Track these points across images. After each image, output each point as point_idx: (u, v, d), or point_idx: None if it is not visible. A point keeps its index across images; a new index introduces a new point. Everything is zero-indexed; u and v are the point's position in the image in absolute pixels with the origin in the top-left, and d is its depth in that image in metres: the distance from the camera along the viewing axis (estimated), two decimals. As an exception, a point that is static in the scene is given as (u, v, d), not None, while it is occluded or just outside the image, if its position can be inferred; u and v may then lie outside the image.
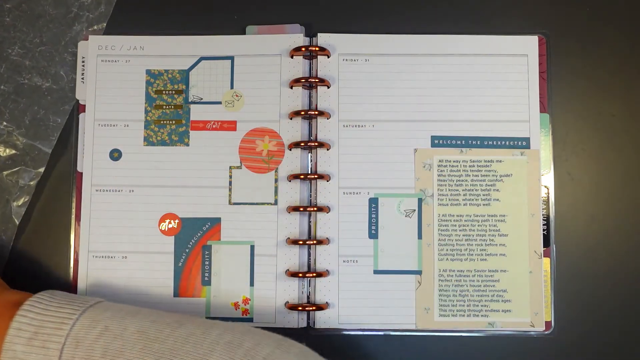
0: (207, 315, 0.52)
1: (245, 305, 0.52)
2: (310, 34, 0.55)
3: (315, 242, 0.52)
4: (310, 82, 0.53)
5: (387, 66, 0.54)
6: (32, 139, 0.54)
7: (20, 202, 0.53)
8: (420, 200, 0.53)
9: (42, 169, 0.54)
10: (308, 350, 0.42)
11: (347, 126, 0.53)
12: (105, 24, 0.55)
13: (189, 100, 0.54)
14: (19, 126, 0.54)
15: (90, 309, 0.44)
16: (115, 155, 0.54)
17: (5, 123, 0.54)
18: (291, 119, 0.53)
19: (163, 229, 0.53)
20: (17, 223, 0.53)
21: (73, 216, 0.53)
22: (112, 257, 0.53)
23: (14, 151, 0.54)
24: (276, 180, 0.53)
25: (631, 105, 0.54)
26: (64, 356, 0.41)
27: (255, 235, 0.53)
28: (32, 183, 0.53)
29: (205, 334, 0.41)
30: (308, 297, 0.52)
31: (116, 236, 0.53)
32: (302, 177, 0.52)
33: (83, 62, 0.55)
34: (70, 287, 0.53)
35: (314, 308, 0.51)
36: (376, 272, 0.52)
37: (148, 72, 0.54)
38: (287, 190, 0.53)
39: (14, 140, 0.54)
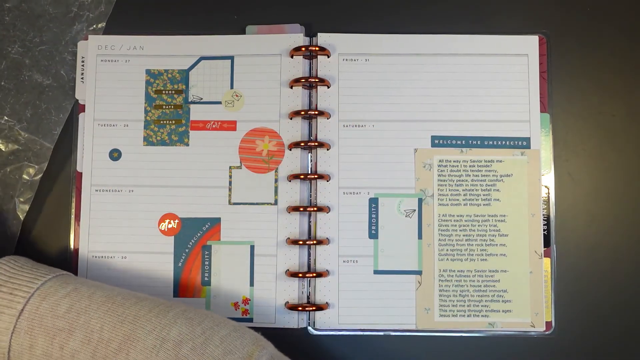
0: (207, 316, 0.52)
1: (245, 305, 0.52)
2: (310, 33, 0.55)
3: (315, 242, 0.52)
4: (310, 82, 0.53)
5: (387, 66, 0.54)
6: (34, 133, 0.54)
7: (24, 198, 0.53)
8: (420, 200, 0.53)
9: (45, 164, 0.54)
10: (261, 338, 0.44)
11: (347, 126, 0.53)
12: (105, 24, 0.55)
13: (189, 100, 0.54)
14: (20, 120, 0.54)
15: (64, 275, 0.46)
16: (115, 155, 0.54)
17: (6, 117, 0.54)
18: (291, 118, 0.53)
19: (163, 229, 0.53)
20: (22, 219, 0.53)
21: (73, 216, 0.53)
22: (112, 257, 0.53)
23: (16, 146, 0.54)
24: (276, 180, 0.53)
25: (632, 105, 0.54)
26: (29, 306, 0.43)
27: (255, 235, 0.53)
28: (36, 178, 0.53)
29: (169, 308, 0.44)
30: (308, 297, 0.52)
31: (116, 236, 0.53)
32: (302, 177, 0.52)
33: (83, 62, 0.55)
34: (69, 287, 0.53)
35: (314, 308, 0.51)
36: (376, 272, 0.52)
37: (148, 72, 0.54)
38: (287, 190, 0.53)
39: (15, 135, 0.54)
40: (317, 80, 0.53)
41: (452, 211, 0.53)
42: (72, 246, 0.53)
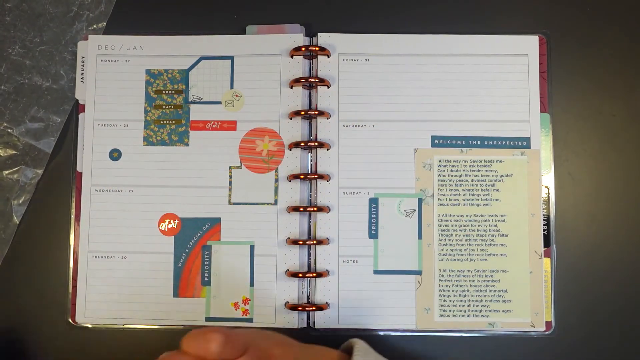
0: (207, 316, 0.52)
1: (245, 305, 0.52)
2: (310, 33, 0.55)
3: (315, 242, 0.52)
4: (310, 82, 0.53)
5: (387, 66, 0.54)
6: (32, 139, 0.54)
7: (21, 200, 0.53)
8: (420, 200, 0.53)
9: (41, 170, 0.54)
10: None
11: (347, 126, 0.53)
12: (105, 23, 0.55)
13: (189, 100, 0.54)
14: (19, 126, 0.54)
15: None
16: (115, 155, 0.54)
17: (5, 124, 0.54)
18: (291, 118, 0.53)
19: (163, 229, 0.53)
20: (17, 222, 0.53)
21: (72, 216, 0.53)
22: (112, 257, 0.53)
23: (13, 151, 0.54)
24: (276, 180, 0.53)
25: (632, 105, 0.54)
26: None
27: (255, 235, 0.53)
28: (32, 181, 0.53)
29: None
30: (308, 297, 0.52)
31: (116, 236, 0.53)
32: (302, 177, 0.52)
33: (83, 62, 0.55)
34: (69, 287, 0.53)
35: (314, 308, 0.51)
36: (376, 272, 0.52)
37: (148, 72, 0.54)
38: (287, 190, 0.53)
39: (13, 140, 0.54)
40: (317, 80, 0.53)
41: (452, 211, 0.53)
42: (72, 246, 0.53)
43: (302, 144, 0.53)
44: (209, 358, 0.38)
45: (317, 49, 0.53)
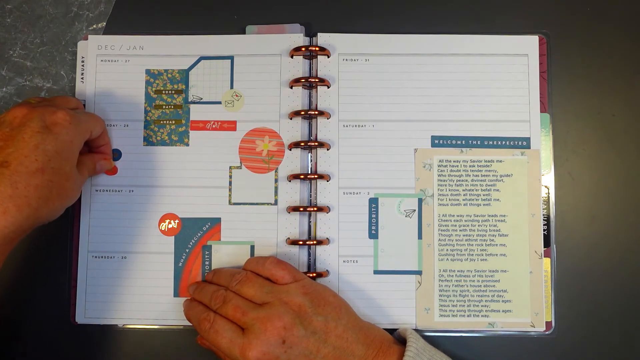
0: (207, 316, 0.52)
1: (245, 305, 0.52)
2: (310, 33, 0.55)
3: (315, 242, 0.52)
4: (310, 82, 0.53)
5: (387, 66, 0.54)
6: None
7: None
8: (420, 200, 0.53)
9: None
10: None
11: (347, 126, 0.53)
12: (105, 23, 0.55)
13: (189, 100, 0.54)
14: None
15: None
16: (115, 155, 0.54)
17: None
18: (291, 118, 0.53)
19: (163, 229, 0.53)
20: None
21: (73, 216, 0.53)
22: (112, 257, 0.53)
23: None
24: (276, 180, 0.53)
25: (631, 105, 0.54)
26: None
27: (255, 235, 0.53)
28: None
29: None
30: (308, 297, 0.52)
31: (116, 236, 0.53)
32: (302, 177, 0.52)
33: (82, 62, 0.55)
34: (69, 287, 0.53)
35: (314, 308, 0.51)
36: (376, 272, 0.52)
37: (148, 72, 0.54)
38: (287, 190, 0.53)
39: None
40: (317, 80, 0.53)
41: (452, 211, 0.53)
42: (72, 246, 0.53)
43: (302, 144, 0.53)
44: (264, 274, 0.48)
45: (317, 49, 0.53)
